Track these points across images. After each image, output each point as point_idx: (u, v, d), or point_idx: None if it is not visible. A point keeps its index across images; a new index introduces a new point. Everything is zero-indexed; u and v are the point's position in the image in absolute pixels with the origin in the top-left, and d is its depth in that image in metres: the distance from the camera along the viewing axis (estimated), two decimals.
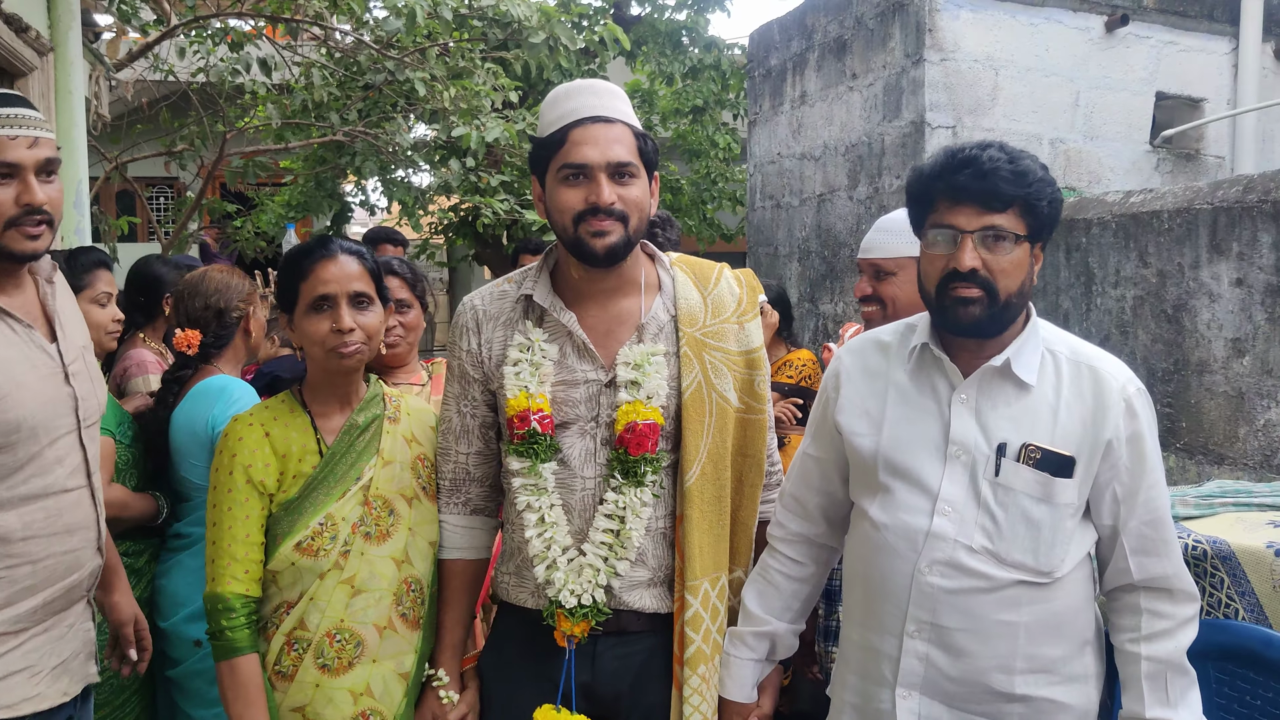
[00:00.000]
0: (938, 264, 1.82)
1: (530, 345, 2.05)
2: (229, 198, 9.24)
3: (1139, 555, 1.84)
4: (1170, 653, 1.82)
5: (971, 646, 1.81)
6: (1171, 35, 5.73)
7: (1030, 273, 1.83)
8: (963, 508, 1.83)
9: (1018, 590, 1.80)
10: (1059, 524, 1.81)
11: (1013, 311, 1.82)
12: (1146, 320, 4.11)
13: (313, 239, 2.21)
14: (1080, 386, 1.84)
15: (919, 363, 1.93)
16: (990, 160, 1.75)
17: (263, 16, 6.24)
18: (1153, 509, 1.84)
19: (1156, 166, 5.78)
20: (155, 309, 3.95)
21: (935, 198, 1.83)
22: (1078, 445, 1.81)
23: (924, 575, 1.83)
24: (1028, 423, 1.83)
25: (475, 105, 6.28)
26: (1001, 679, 1.81)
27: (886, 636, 1.89)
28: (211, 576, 2.06)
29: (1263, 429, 3.59)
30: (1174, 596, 1.85)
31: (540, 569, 2.02)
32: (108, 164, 6.85)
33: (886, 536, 1.88)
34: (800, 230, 6.38)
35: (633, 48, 9.96)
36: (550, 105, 2.04)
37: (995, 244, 1.77)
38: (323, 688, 2.04)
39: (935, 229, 1.82)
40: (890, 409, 1.93)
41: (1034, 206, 1.77)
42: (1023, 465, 1.81)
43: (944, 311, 1.83)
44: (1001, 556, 1.81)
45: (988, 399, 1.85)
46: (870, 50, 5.67)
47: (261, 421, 2.14)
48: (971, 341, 1.86)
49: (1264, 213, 3.59)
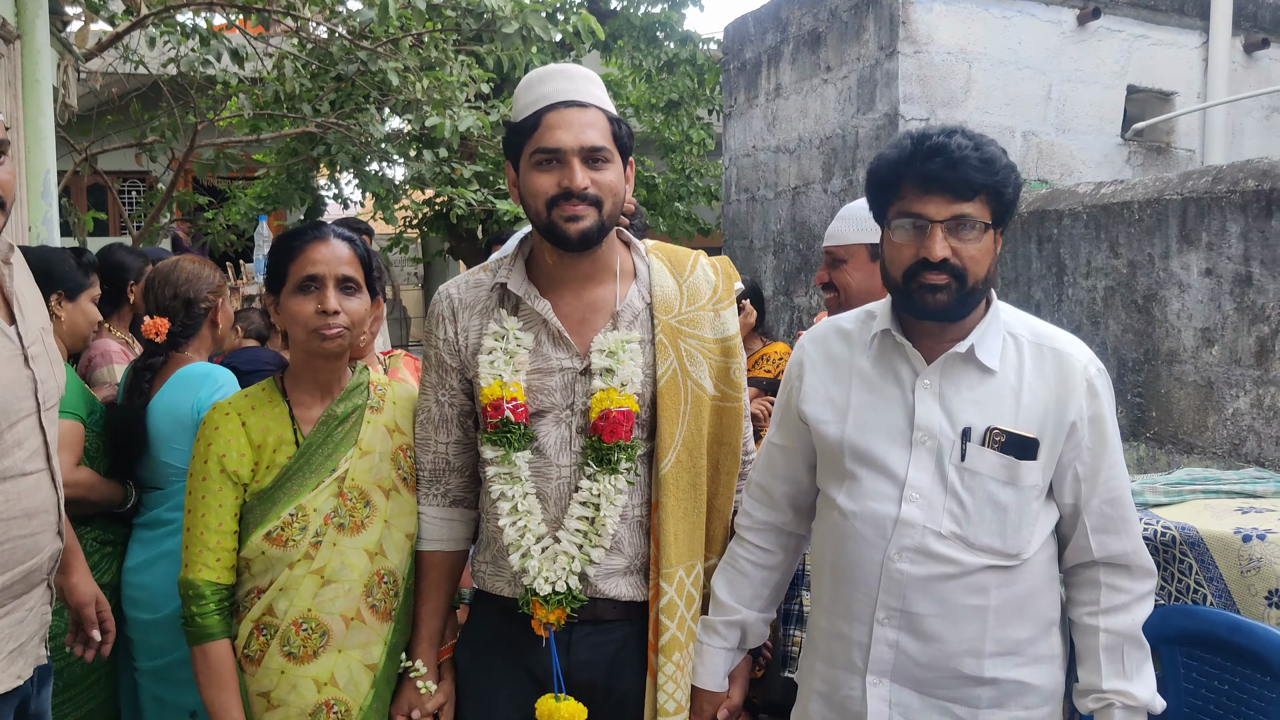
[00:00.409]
0: (905, 252, 1.81)
1: (505, 333, 2.04)
2: (201, 191, 9.16)
3: (1099, 533, 1.86)
4: (1127, 626, 1.85)
5: (941, 632, 1.82)
6: (1142, 29, 5.77)
7: (995, 258, 1.84)
8: (930, 493, 1.83)
9: (986, 574, 1.81)
10: (1025, 506, 1.82)
11: (977, 297, 1.83)
12: (1117, 310, 4.14)
13: (307, 222, 2.21)
14: (1043, 368, 1.85)
15: (881, 349, 1.93)
16: (959, 148, 1.75)
17: (235, 7, 6.18)
18: (1113, 488, 1.86)
19: (1128, 159, 5.82)
20: (120, 298, 3.95)
21: (902, 185, 1.81)
22: (1040, 427, 1.82)
23: (893, 562, 1.83)
24: (992, 406, 1.83)
25: (448, 97, 6.25)
26: (971, 663, 1.82)
27: (856, 624, 1.89)
28: (185, 563, 2.07)
29: (1231, 418, 3.62)
30: (1132, 572, 1.88)
31: (515, 557, 2.01)
32: (77, 156, 6.78)
33: (855, 524, 1.88)
34: (775, 223, 6.39)
35: (608, 41, 9.94)
36: (524, 89, 2.03)
37: (964, 232, 1.77)
38: (288, 675, 2.04)
39: (902, 217, 1.81)
40: (854, 396, 1.93)
41: (1000, 193, 1.78)
42: (988, 449, 1.81)
43: (910, 297, 1.83)
44: (970, 540, 1.81)
45: (951, 384, 1.85)
46: (844, 43, 5.68)
47: (239, 410, 2.13)
48: (934, 326, 1.86)
49: (1233, 203, 3.62)
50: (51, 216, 4.78)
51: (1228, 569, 2.17)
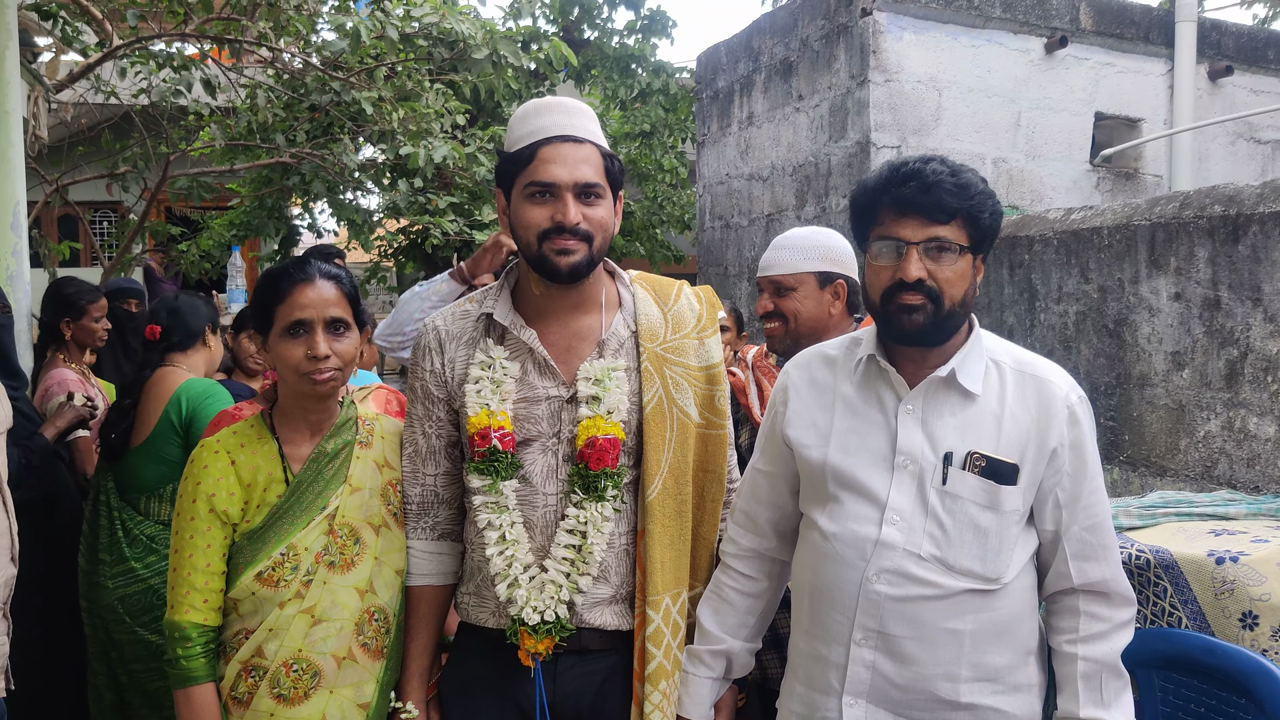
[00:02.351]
0: (883, 275, 1.84)
1: (491, 363, 2.05)
2: (174, 221, 9.11)
3: (1079, 560, 1.87)
4: (1106, 654, 1.86)
5: (918, 654, 1.83)
6: (1109, 57, 5.86)
7: (973, 283, 1.87)
8: (911, 516, 1.85)
9: (964, 598, 1.82)
10: (1005, 530, 1.84)
11: (956, 320, 1.86)
12: (1089, 335, 4.18)
13: (291, 260, 2.19)
14: (1024, 395, 1.87)
15: (865, 375, 1.96)
16: (934, 173, 1.79)
17: (207, 38, 6.17)
18: (1093, 514, 1.88)
19: (1096, 185, 5.89)
20: (58, 332, 4.10)
21: (879, 210, 1.85)
22: (1021, 453, 1.84)
23: (872, 584, 1.85)
24: (973, 431, 1.85)
25: (424, 128, 6.25)
26: (947, 687, 1.83)
27: (834, 645, 1.90)
28: (170, 604, 2.04)
29: (1202, 440, 3.65)
30: (1111, 600, 1.89)
31: (502, 587, 2.01)
32: (48, 187, 6.73)
33: (835, 546, 1.90)
34: (749, 250, 6.42)
35: (581, 71, 9.99)
36: (520, 120, 2.04)
37: (939, 255, 1.81)
38: (277, 717, 2.01)
39: (880, 240, 1.85)
40: (838, 421, 1.95)
41: (976, 218, 1.81)
42: (969, 473, 1.83)
43: (889, 319, 1.86)
44: (950, 564, 1.83)
45: (934, 409, 1.88)
46: (816, 72, 5.74)
47: (228, 449, 2.11)
48: (916, 352, 1.89)
49: (1200, 228, 3.67)
50: (21, 248, 4.73)
51: (1202, 591, 2.18)
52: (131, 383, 3.36)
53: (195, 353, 3.40)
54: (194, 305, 3.45)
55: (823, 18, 5.67)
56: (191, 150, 7.36)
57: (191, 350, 3.40)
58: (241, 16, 5.74)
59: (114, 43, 5.99)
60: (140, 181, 6.92)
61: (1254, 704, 1.97)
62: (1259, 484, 3.41)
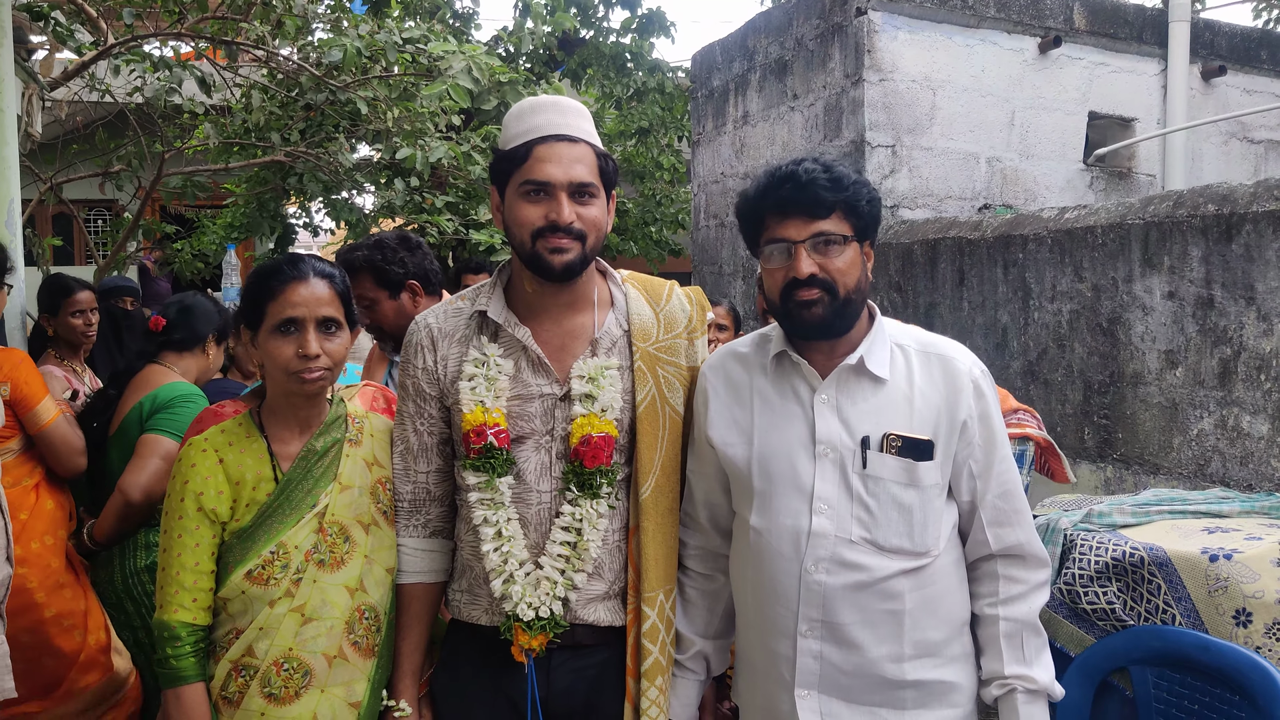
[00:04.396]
0: (778, 276, 1.91)
1: (485, 360, 2.05)
2: (168, 219, 9.10)
3: (995, 526, 1.96)
4: (1025, 614, 1.95)
5: (863, 639, 1.89)
6: (1103, 57, 5.87)
7: (864, 270, 1.94)
8: (837, 503, 1.91)
9: (899, 580, 1.89)
10: (928, 504, 1.91)
11: (854, 308, 1.93)
12: (1082, 333, 4.19)
13: (284, 256, 2.16)
14: (931, 374, 1.95)
15: (778, 369, 2.02)
16: (807, 172, 1.86)
17: (202, 38, 6.16)
18: (1004, 481, 1.96)
19: (1090, 184, 5.91)
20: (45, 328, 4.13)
21: (764, 215, 1.92)
22: (934, 428, 1.91)
23: (810, 574, 1.90)
24: (887, 414, 1.92)
25: (419, 127, 6.25)
26: (892, 668, 1.90)
27: (781, 639, 1.95)
28: (160, 604, 2.03)
29: (1196, 439, 3.66)
30: (1027, 563, 1.97)
31: (497, 583, 2.01)
32: (42, 185, 6.72)
33: (770, 540, 1.95)
34: (744, 249, 6.41)
35: (577, 70, 9.99)
36: (515, 118, 2.05)
37: (826, 248, 1.87)
38: (268, 716, 2.00)
39: (770, 244, 1.92)
40: (758, 417, 2.01)
41: (855, 207, 1.88)
42: (887, 454, 1.90)
43: (791, 317, 1.92)
44: (880, 544, 1.90)
45: (847, 396, 1.94)
46: (810, 71, 5.74)
47: (216, 447, 2.09)
48: (824, 344, 1.96)
49: (1193, 227, 3.68)
50: (16, 246, 4.73)
51: (1195, 589, 2.19)
52: (122, 371, 3.37)
53: (191, 356, 3.38)
54: (206, 310, 3.43)
55: (818, 17, 5.68)
56: (186, 148, 7.35)
57: (188, 353, 3.37)
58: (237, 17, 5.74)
59: (109, 41, 5.99)
60: (134, 180, 6.90)
61: (1248, 700, 1.98)
62: (1252, 482, 3.43)
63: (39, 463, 3.17)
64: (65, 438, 3.16)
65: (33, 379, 3.10)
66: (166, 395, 3.17)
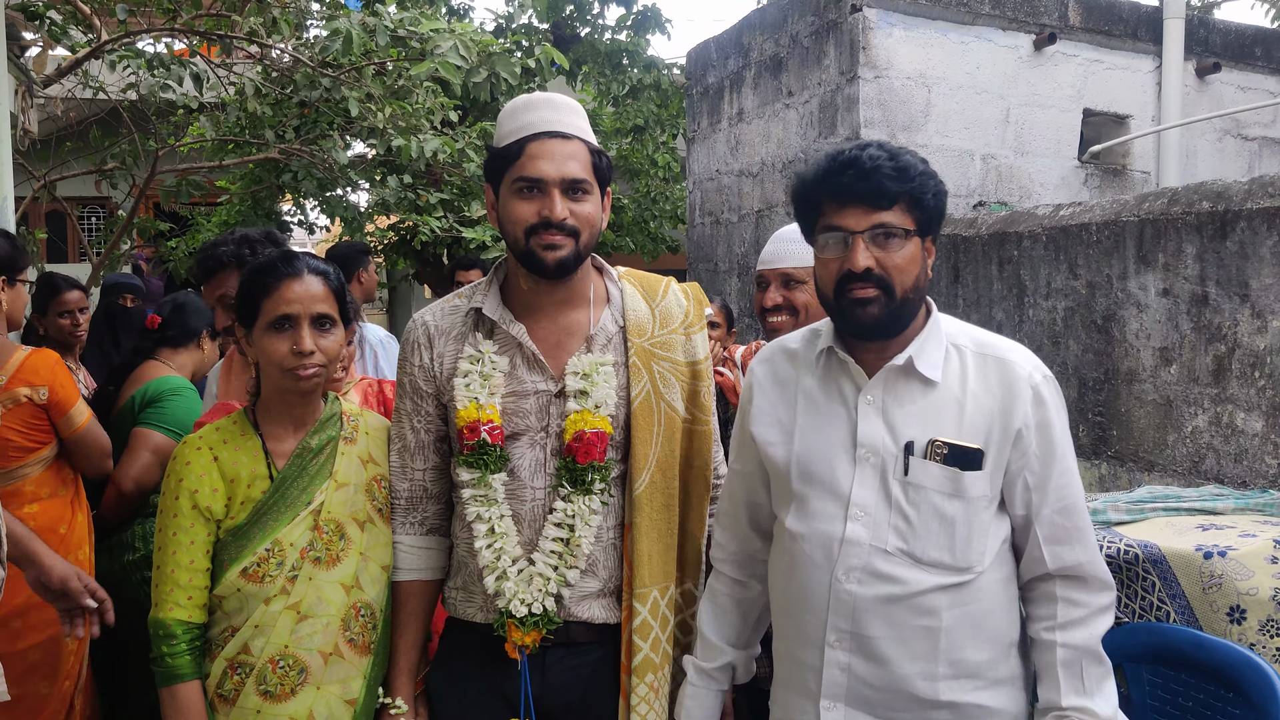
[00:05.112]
0: (832, 267, 1.80)
1: (480, 357, 2.06)
2: (163, 217, 9.07)
3: (1052, 544, 1.81)
4: (1085, 640, 1.80)
5: (892, 654, 1.79)
6: (1097, 53, 5.88)
7: (924, 267, 1.82)
8: (875, 510, 1.81)
9: (936, 595, 1.78)
10: (973, 518, 1.79)
11: (911, 308, 1.82)
12: (1077, 330, 4.20)
13: (278, 254, 2.16)
14: (987, 378, 1.82)
15: (826, 367, 1.92)
16: (871, 159, 1.75)
17: (196, 34, 6.14)
18: (1064, 496, 1.82)
19: (1085, 181, 5.91)
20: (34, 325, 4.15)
21: (821, 202, 1.81)
22: (985, 436, 1.79)
23: (841, 583, 1.81)
24: (934, 418, 1.81)
25: (414, 125, 6.24)
26: (925, 685, 1.78)
27: (809, 648, 1.86)
28: (155, 602, 2.03)
29: (1190, 436, 3.67)
30: (1088, 584, 1.82)
31: (490, 580, 2.02)
32: (36, 183, 6.70)
33: (803, 546, 1.86)
34: (739, 246, 6.43)
35: (573, 67, 9.97)
36: (509, 116, 2.05)
37: (886, 241, 1.76)
38: (264, 714, 2.01)
39: (826, 232, 1.81)
40: (800, 416, 1.92)
41: (920, 200, 1.77)
42: (930, 461, 1.78)
43: (843, 314, 1.82)
44: (917, 556, 1.79)
45: (894, 398, 1.83)
46: (805, 68, 5.74)
47: (210, 445, 2.09)
48: (875, 343, 1.85)
49: (1188, 224, 3.69)
50: None
51: (1190, 586, 2.20)
52: (119, 367, 3.40)
53: (186, 352, 3.42)
54: (199, 307, 3.47)
55: (812, 14, 5.68)
56: (180, 146, 7.33)
57: (183, 349, 3.41)
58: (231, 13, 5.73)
59: (102, 38, 5.97)
60: (128, 178, 6.88)
61: (1242, 698, 1.99)
62: (1246, 479, 3.43)
63: (71, 470, 3.16)
64: (97, 439, 3.15)
65: (67, 381, 3.09)
66: (156, 390, 3.21)
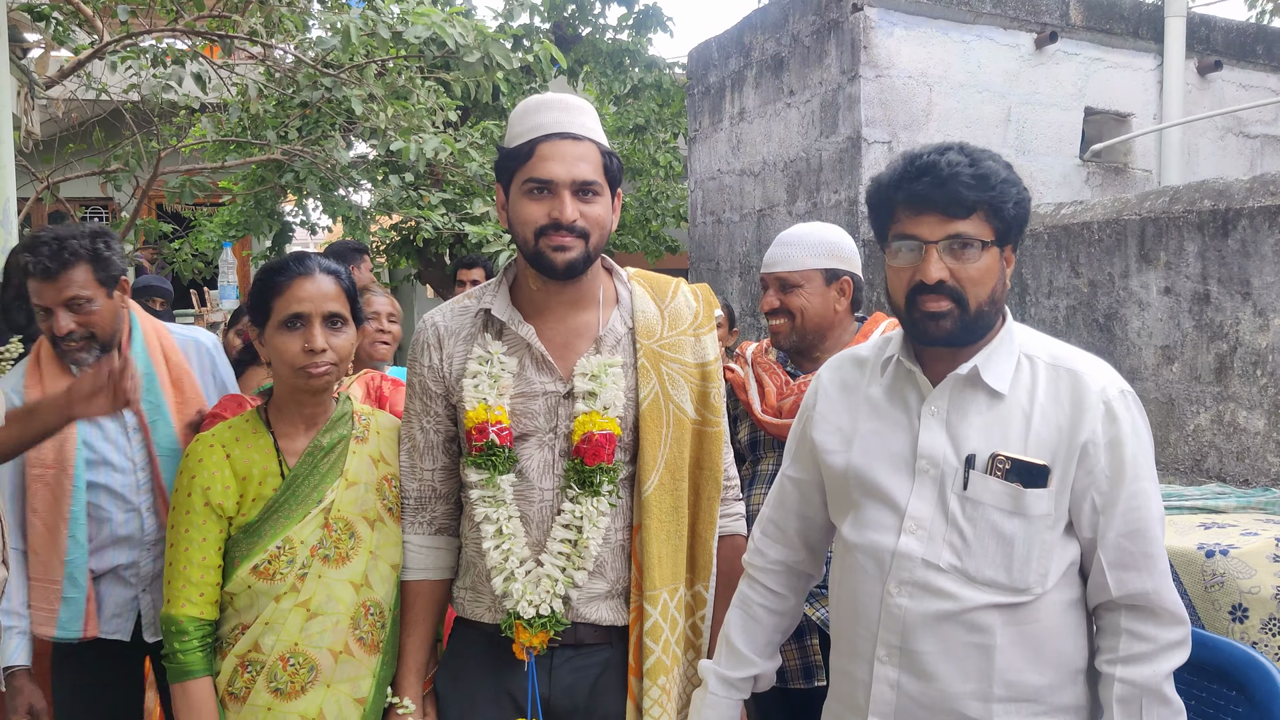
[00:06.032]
0: (903, 276, 1.73)
1: (489, 358, 2.06)
2: (165, 218, 9.09)
3: (1117, 569, 1.69)
4: (1148, 678, 1.67)
5: (943, 671, 1.71)
6: (1099, 52, 5.87)
7: (1002, 278, 1.75)
8: (930, 524, 1.74)
9: (989, 613, 1.69)
10: (1034, 537, 1.69)
11: (986, 320, 1.74)
12: (1079, 329, 4.20)
13: (290, 254, 2.19)
14: (1057, 391, 1.73)
15: (893, 375, 1.85)
16: (949, 165, 1.67)
17: (198, 34, 6.15)
18: (1133, 520, 1.69)
19: (1086, 180, 5.91)
20: None
21: (895, 208, 1.74)
22: (1052, 453, 1.70)
23: (892, 597, 1.74)
24: (998, 432, 1.72)
25: (415, 125, 6.24)
26: (977, 706, 1.70)
27: (859, 662, 1.80)
28: (167, 598, 2.05)
29: (1192, 434, 3.67)
30: (1157, 617, 1.69)
31: (498, 580, 2.02)
32: (39, 184, 6.71)
33: (857, 557, 1.81)
34: (741, 245, 6.43)
35: (574, 67, 9.97)
36: (520, 116, 2.05)
37: (961, 252, 1.68)
38: (274, 712, 2.02)
39: (898, 240, 1.73)
40: (862, 424, 1.86)
41: (999, 209, 1.69)
42: (991, 477, 1.70)
43: (914, 325, 1.76)
44: (971, 574, 1.71)
45: (958, 409, 1.76)
46: (807, 67, 5.74)
47: (223, 442, 2.11)
48: (944, 351, 1.77)
49: (1190, 223, 3.69)
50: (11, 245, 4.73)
51: (1192, 584, 2.20)
52: None
53: None
54: None
55: (814, 13, 5.68)
56: (183, 147, 7.34)
57: None
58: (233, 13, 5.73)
59: (104, 39, 5.97)
60: (131, 179, 6.89)
61: (1244, 697, 1.98)
62: (1248, 477, 3.43)
63: None
64: None
65: None
66: None
